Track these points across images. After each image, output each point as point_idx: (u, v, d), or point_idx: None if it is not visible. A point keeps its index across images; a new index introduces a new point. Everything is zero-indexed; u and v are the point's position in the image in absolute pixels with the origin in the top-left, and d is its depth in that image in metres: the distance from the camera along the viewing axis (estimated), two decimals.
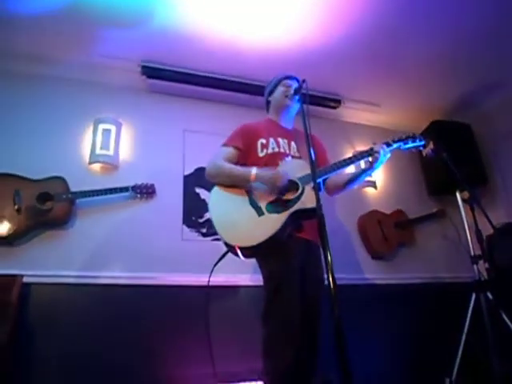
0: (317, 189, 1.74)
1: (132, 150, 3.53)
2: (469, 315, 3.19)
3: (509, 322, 3.01)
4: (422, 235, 4.27)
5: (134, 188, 3.26)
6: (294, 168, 2.20)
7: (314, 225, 1.73)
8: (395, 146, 2.37)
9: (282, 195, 2.11)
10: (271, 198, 2.11)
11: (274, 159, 2.29)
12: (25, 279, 2.75)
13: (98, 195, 3.12)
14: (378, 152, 2.27)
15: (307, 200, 2.05)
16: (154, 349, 2.94)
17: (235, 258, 2.12)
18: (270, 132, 2.43)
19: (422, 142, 2.43)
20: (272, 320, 2.05)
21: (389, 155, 2.31)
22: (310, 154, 1.84)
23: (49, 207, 2.94)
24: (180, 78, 3.65)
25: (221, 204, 2.17)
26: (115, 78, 3.64)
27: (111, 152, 3.35)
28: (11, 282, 2.67)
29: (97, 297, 2.95)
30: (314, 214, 1.75)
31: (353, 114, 4.51)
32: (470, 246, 3.47)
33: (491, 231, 3.50)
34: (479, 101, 4.40)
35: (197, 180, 3.54)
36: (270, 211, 2.07)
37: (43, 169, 3.07)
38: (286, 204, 2.07)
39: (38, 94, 3.38)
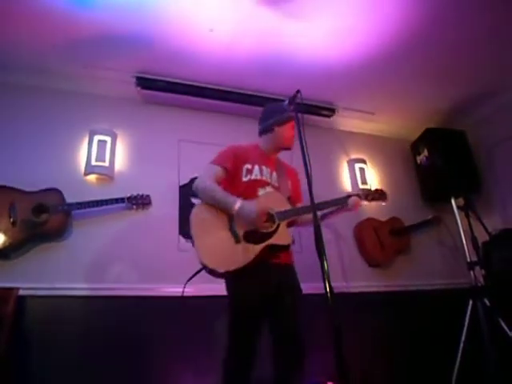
0: (313, 199, 1.76)
1: (127, 160, 3.53)
2: (466, 322, 3.20)
3: (506, 329, 3.01)
4: (417, 242, 4.28)
5: (130, 199, 3.26)
6: (274, 201, 2.31)
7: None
8: (365, 200, 2.62)
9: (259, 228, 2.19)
10: (249, 228, 2.18)
11: (254, 186, 2.38)
12: (20, 292, 2.74)
13: (93, 206, 3.11)
14: (350, 203, 2.48)
15: (281, 237, 2.21)
16: (154, 360, 2.92)
17: None
18: (256, 159, 2.48)
19: (385, 197, 2.71)
20: (229, 341, 2.19)
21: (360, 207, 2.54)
22: (307, 167, 1.91)
23: (44, 219, 2.93)
24: (175, 89, 3.66)
25: (203, 221, 2.22)
26: (110, 89, 3.65)
27: (107, 163, 3.35)
28: (7, 295, 2.67)
29: (94, 309, 2.93)
30: (287, 249, 2.25)
31: (347, 122, 4.53)
32: (466, 252, 3.49)
33: (487, 237, 3.53)
34: (473, 108, 4.44)
35: (192, 190, 3.53)
36: (246, 240, 2.16)
37: (38, 181, 3.06)
38: (262, 236, 2.17)
39: (33, 105, 3.38)
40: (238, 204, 2.16)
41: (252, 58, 3.46)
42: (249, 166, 2.43)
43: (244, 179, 2.40)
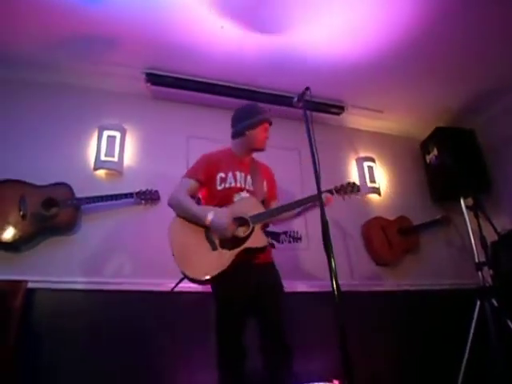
0: (321, 200, 1.76)
1: (136, 156, 3.55)
2: (473, 322, 3.17)
3: None
4: (426, 242, 4.25)
5: (139, 194, 3.27)
6: (248, 206, 2.37)
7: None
8: (337, 194, 2.66)
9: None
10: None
11: (229, 194, 2.43)
12: (29, 285, 2.76)
13: (102, 201, 3.13)
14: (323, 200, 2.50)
15: (255, 240, 2.26)
16: (159, 354, 2.94)
17: None
18: (230, 166, 2.52)
19: (357, 189, 2.74)
20: (216, 342, 2.26)
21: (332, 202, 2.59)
22: (315, 165, 1.94)
23: (54, 213, 2.95)
24: (184, 85, 3.67)
25: (180, 232, 2.30)
26: (120, 85, 3.66)
27: (116, 158, 3.37)
28: (16, 288, 2.69)
29: (102, 302, 2.96)
30: (263, 251, 2.29)
31: (356, 120, 4.51)
32: (475, 252, 3.45)
33: (496, 237, 3.50)
34: (483, 107, 4.40)
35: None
36: (222, 247, 2.22)
37: (48, 175, 3.09)
38: (238, 241, 2.23)
39: (44, 101, 3.40)
40: (209, 218, 2.22)
41: (261, 55, 3.46)
42: (222, 175, 2.47)
43: (219, 188, 2.46)
